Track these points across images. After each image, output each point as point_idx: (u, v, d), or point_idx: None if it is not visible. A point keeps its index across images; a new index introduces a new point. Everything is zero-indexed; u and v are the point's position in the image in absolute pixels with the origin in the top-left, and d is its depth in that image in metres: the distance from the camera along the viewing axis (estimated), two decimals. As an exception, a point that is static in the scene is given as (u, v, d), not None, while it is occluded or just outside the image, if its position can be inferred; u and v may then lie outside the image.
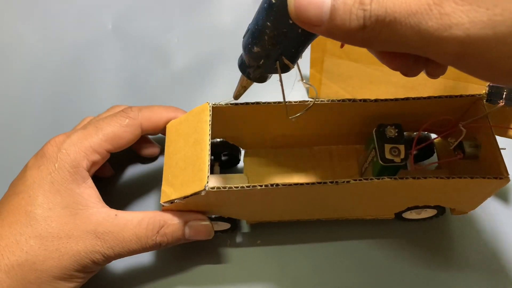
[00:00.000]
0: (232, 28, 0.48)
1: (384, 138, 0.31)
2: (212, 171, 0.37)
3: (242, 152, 0.39)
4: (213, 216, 0.33)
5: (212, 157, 0.37)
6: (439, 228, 0.37)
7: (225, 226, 0.35)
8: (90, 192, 0.30)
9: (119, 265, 0.35)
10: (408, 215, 0.35)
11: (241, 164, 0.39)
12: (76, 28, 0.48)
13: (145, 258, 0.36)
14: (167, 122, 0.35)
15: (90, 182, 0.31)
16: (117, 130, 0.32)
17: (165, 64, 0.46)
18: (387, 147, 0.30)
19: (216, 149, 0.37)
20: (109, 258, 0.30)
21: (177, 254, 0.36)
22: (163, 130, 0.35)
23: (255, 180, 0.37)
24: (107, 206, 0.31)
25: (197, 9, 0.49)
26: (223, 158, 0.38)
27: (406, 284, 0.35)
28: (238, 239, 0.37)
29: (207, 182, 0.28)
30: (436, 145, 0.38)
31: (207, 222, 0.32)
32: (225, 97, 0.44)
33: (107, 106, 0.38)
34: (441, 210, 0.34)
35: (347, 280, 0.35)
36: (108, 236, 0.29)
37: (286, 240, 0.36)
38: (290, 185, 0.29)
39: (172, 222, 0.31)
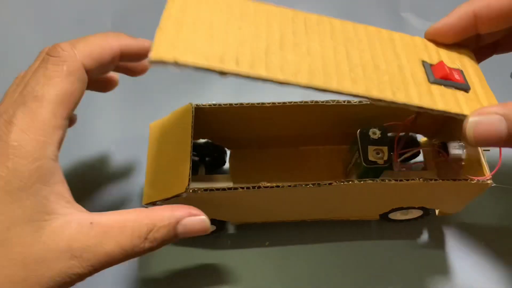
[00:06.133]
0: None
1: (367, 140, 0.31)
2: (197, 172, 0.37)
3: (228, 152, 0.38)
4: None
5: (197, 158, 0.37)
6: (430, 227, 0.37)
7: (211, 228, 0.35)
8: (58, 191, 0.24)
9: (112, 268, 0.35)
10: (394, 216, 0.35)
11: (227, 165, 0.39)
12: (76, 28, 0.48)
13: (141, 259, 0.35)
14: (114, 53, 0.27)
15: (58, 174, 0.24)
16: (62, 87, 0.24)
17: (165, 64, 0.46)
18: (371, 148, 0.30)
19: (200, 150, 0.36)
20: (89, 275, 0.24)
21: (175, 255, 0.36)
22: (112, 64, 0.28)
23: (241, 181, 0.37)
24: (79, 206, 0.25)
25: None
26: (208, 159, 0.38)
27: (404, 284, 0.35)
28: (239, 240, 0.37)
29: (189, 185, 0.28)
30: (422, 145, 0.38)
31: (203, 216, 0.27)
32: (225, 97, 0.44)
33: (107, 106, 0.36)
34: (426, 211, 0.34)
35: (344, 281, 0.35)
36: (86, 253, 0.23)
37: (285, 241, 0.36)
38: (272, 187, 0.28)
39: (162, 224, 0.25)
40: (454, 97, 0.25)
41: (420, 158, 0.38)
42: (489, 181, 0.28)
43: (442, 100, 0.24)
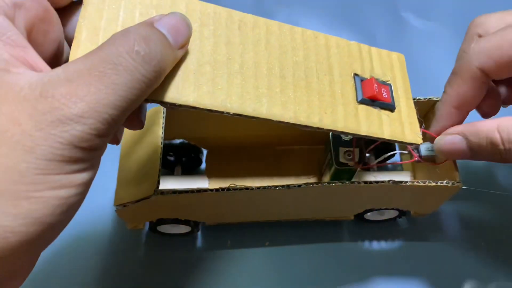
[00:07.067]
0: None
1: (339, 141, 0.30)
2: (173, 173, 0.37)
3: (205, 152, 0.38)
4: (170, 219, 0.32)
5: (173, 158, 0.37)
6: (406, 227, 0.37)
7: (185, 229, 0.35)
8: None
9: (118, 269, 0.35)
10: (370, 216, 0.35)
11: (204, 165, 0.39)
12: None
13: (140, 260, 0.35)
14: None
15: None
16: None
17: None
18: (342, 150, 0.30)
19: (176, 151, 0.36)
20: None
21: (175, 255, 0.36)
22: None
23: (217, 181, 0.37)
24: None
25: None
26: (184, 159, 0.38)
27: (402, 283, 0.35)
28: (239, 240, 0.37)
29: (157, 187, 0.28)
30: (400, 147, 0.38)
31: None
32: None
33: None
34: (401, 211, 0.34)
35: (343, 281, 0.35)
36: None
37: (285, 241, 0.36)
38: (241, 189, 0.28)
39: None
40: (378, 119, 0.25)
41: (398, 158, 0.38)
42: (459, 184, 0.28)
43: (366, 122, 0.24)
